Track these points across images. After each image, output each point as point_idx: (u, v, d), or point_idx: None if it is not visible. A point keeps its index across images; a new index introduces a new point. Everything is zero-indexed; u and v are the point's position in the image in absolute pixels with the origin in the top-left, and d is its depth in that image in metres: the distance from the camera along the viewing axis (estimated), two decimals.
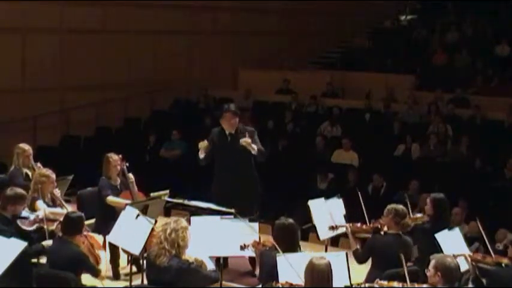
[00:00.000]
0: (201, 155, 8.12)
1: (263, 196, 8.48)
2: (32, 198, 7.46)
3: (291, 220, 6.25)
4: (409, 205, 7.43)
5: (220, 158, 8.15)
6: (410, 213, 7.44)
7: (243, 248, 6.43)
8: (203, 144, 8.09)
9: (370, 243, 6.76)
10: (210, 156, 8.18)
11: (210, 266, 6.13)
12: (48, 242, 6.60)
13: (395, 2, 21.15)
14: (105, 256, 7.45)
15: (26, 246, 6.10)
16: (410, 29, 19.61)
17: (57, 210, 7.54)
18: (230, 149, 8.03)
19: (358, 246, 6.95)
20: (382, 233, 6.78)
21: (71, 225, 6.45)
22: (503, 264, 6.29)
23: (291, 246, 6.06)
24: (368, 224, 7.21)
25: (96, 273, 6.44)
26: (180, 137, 13.82)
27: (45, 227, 6.90)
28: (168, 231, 5.81)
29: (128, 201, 7.95)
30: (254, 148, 7.93)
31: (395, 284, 5.68)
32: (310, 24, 18.67)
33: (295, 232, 6.22)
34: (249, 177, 8.14)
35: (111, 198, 8.01)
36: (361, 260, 6.77)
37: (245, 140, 7.88)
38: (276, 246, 6.03)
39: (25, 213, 7.10)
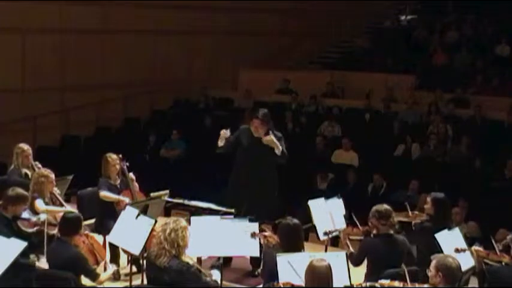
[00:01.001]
0: (220, 143, 8.08)
1: None
2: (31, 197, 7.45)
3: (295, 220, 6.26)
4: (408, 206, 7.43)
5: (244, 157, 8.11)
6: (409, 211, 7.44)
7: (253, 235, 6.44)
8: (224, 134, 8.05)
9: (362, 246, 6.73)
10: (229, 148, 8.14)
11: (216, 277, 6.12)
12: (40, 265, 6.56)
13: (395, 2, 21.15)
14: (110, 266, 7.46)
15: (26, 246, 6.10)
16: (410, 29, 19.60)
17: (58, 208, 7.53)
18: (256, 151, 7.99)
19: (352, 250, 6.92)
20: (372, 235, 6.74)
21: (68, 225, 6.43)
22: (503, 263, 6.30)
23: (295, 246, 6.08)
24: (359, 227, 7.21)
25: (94, 277, 6.38)
26: (180, 137, 13.83)
27: (45, 230, 6.89)
28: (168, 231, 5.80)
29: (121, 197, 7.95)
30: (279, 146, 7.90)
31: (396, 283, 5.67)
32: (310, 24, 18.67)
33: (300, 232, 6.23)
34: (268, 180, 8.12)
35: (103, 193, 8.00)
36: (356, 263, 6.74)
37: (268, 138, 7.84)
38: (280, 245, 6.07)
39: (26, 214, 7.10)
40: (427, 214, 7.24)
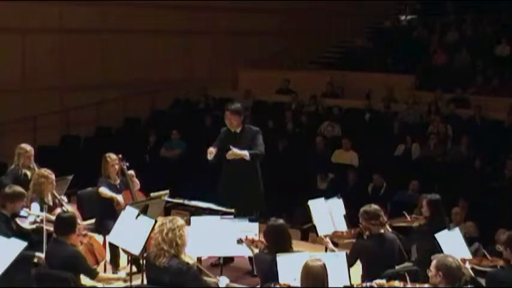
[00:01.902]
0: (210, 158, 8.14)
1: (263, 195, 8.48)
2: (30, 199, 7.42)
3: (281, 220, 6.26)
4: (406, 214, 7.42)
5: (227, 156, 8.15)
6: (407, 216, 7.43)
7: (239, 242, 6.45)
8: (211, 152, 8.11)
9: (355, 248, 6.70)
10: (218, 156, 8.21)
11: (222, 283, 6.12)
12: (41, 255, 6.56)
13: (395, 2, 21.16)
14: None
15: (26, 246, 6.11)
16: (410, 29, 19.60)
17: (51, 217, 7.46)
18: (236, 147, 8.04)
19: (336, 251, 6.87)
20: (365, 236, 6.74)
21: (63, 225, 6.41)
22: (498, 266, 6.29)
23: (283, 247, 6.09)
24: (349, 230, 7.21)
25: (92, 275, 6.37)
26: (180, 136, 13.83)
27: (44, 227, 6.89)
28: (165, 231, 5.77)
29: (118, 195, 7.94)
30: (245, 154, 7.95)
31: (396, 283, 5.68)
32: (310, 24, 18.67)
33: (285, 232, 6.22)
34: (253, 176, 8.17)
35: (101, 189, 8.02)
36: (348, 265, 6.73)
37: (230, 154, 7.92)
38: (268, 247, 6.09)
39: (25, 212, 7.09)
40: (424, 217, 7.24)
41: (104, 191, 8.02)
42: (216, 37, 17.29)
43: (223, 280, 6.09)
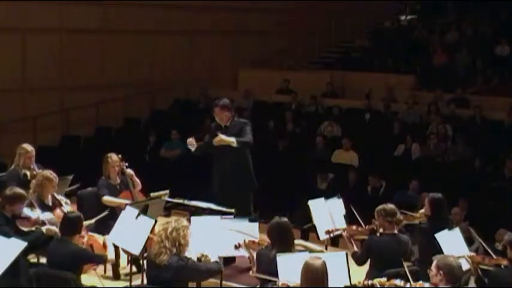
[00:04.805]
0: (192, 149, 8.38)
1: (263, 196, 8.49)
2: (30, 202, 7.40)
3: (285, 219, 6.29)
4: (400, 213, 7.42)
5: (217, 152, 8.28)
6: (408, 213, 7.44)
7: (237, 247, 6.46)
8: (191, 142, 8.32)
9: (368, 245, 6.76)
10: (203, 150, 8.44)
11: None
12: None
13: (395, 2, 21.16)
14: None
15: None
16: (410, 29, 19.62)
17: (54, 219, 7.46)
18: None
19: (356, 249, 6.94)
20: (378, 234, 6.76)
21: (70, 225, 6.45)
22: (502, 266, 6.28)
23: (287, 244, 6.11)
24: (363, 226, 7.22)
25: (101, 259, 6.52)
26: (180, 137, 13.81)
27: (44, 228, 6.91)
28: (169, 229, 5.84)
29: (124, 201, 7.95)
30: (232, 141, 8.05)
31: (397, 282, 5.68)
32: (310, 24, 18.67)
33: (290, 230, 6.25)
34: (244, 169, 8.28)
35: (106, 198, 8.02)
36: (360, 262, 6.76)
37: (218, 140, 8.04)
38: (272, 244, 6.10)
39: (26, 212, 7.08)
40: (425, 215, 7.24)
41: (108, 199, 8.03)
42: (216, 37, 17.29)
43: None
